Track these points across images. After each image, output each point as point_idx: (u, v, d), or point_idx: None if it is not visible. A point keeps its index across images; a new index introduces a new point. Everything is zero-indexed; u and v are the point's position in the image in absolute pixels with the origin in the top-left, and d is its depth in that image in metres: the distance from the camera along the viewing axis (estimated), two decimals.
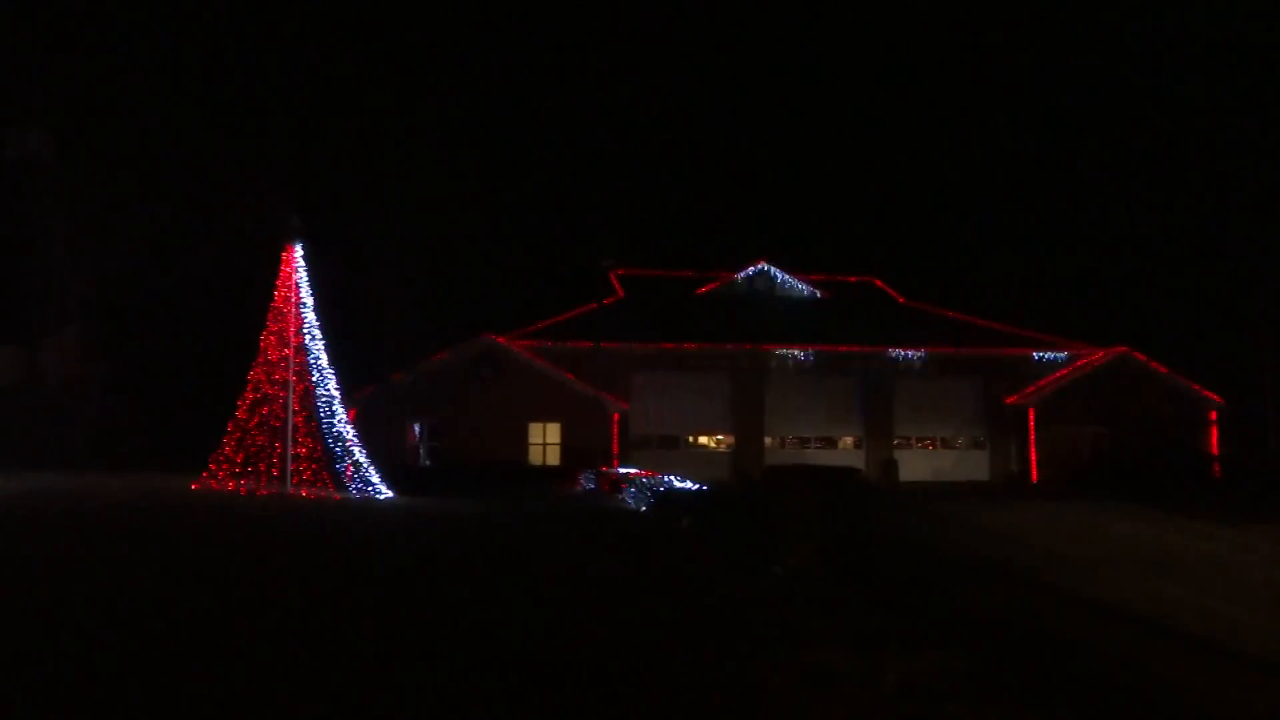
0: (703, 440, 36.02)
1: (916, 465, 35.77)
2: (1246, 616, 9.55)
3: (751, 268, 40.72)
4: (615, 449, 33.21)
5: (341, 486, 22.48)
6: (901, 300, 42.89)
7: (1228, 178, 52.22)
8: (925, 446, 36.97)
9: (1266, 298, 35.39)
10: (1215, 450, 35.90)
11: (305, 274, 23.30)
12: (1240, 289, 40.41)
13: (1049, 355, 37.17)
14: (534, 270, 52.97)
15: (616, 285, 40.46)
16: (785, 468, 14.24)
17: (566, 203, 74.55)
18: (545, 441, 33.06)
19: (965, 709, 5.72)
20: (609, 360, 34.07)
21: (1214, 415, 36.46)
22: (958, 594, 10.35)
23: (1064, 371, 36.51)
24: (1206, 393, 36.27)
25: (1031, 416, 35.73)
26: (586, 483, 28.21)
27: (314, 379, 22.87)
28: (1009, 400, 36.27)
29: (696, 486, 19.29)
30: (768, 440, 35.45)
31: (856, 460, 34.25)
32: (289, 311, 22.97)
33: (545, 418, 33.01)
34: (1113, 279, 58.35)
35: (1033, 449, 35.66)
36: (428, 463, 32.19)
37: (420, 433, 32.57)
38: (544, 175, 74.91)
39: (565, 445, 32.84)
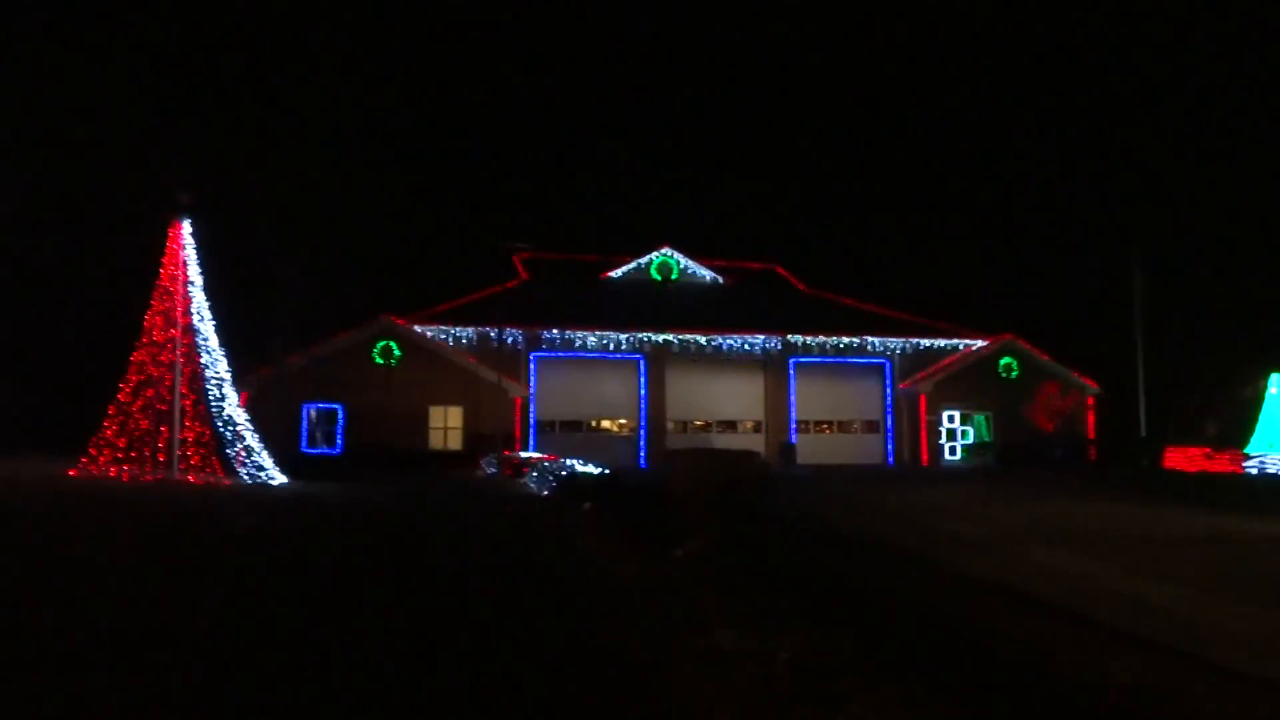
0: (605, 424, 36.16)
1: (815, 449, 36.66)
2: (1129, 588, 10.08)
3: (655, 253, 40.94)
4: (518, 433, 33.05)
5: (232, 472, 21.76)
6: (802, 287, 43.77)
7: (1108, 177, 54.68)
8: (823, 430, 37.91)
9: (1139, 292, 37.29)
10: (1092, 434, 37.80)
11: (193, 251, 22.40)
12: (1118, 284, 42.44)
13: (939, 342, 38.49)
14: (437, 252, 52.19)
15: (520, 268, 40.18)
16: (686, 451, 14.39)
17: (470, 185, 73.54)
18: (446, 426, 32.66)
19: (855, 684, 5.88)
20: (512, 344, 33.83)
21: (1091, 401, 38.38)
22: (854, 574, 10.64)
23: (953, 358, 37.87)
24: (1085, 379, 38.14)
25: (923, 401, 36.96)
26: (488, 467, 27.99)
27: (203, 361, 22.04)
28: (903, 385, 37.44)
29: (599, 470, 19.33)
30: (669, 424, 35.81)
31: (757, 444, 34.88)
32: (176, 290, 22.07)
33: (447, 401, 32.61)
34: (1003, 271, 60.65)
35: (924, 433, 36.93)
36: (324, 448, 31.44)
37: (317, 417, 31.77)
38: (447, 156, 73.68)
39: (467, 430, 32.53)
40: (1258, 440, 37.16)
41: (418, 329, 32.87)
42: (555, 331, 34.81)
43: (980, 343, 38.33)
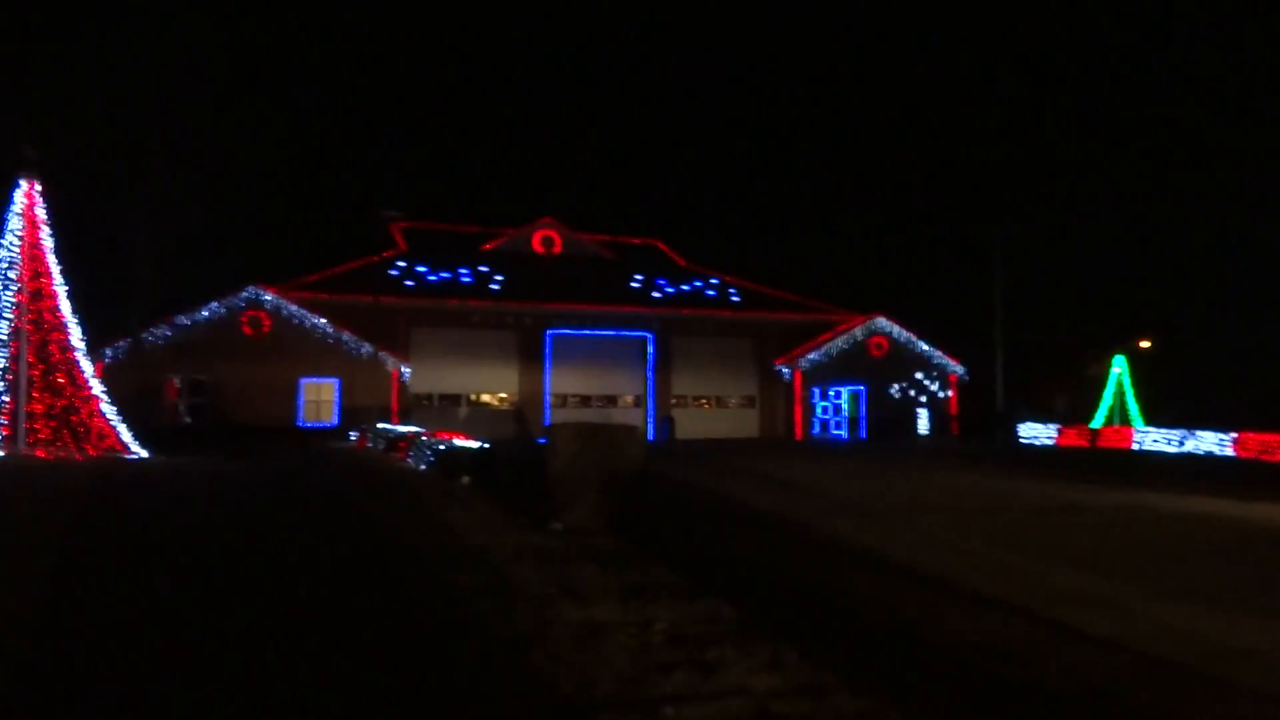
0: (485, 398, 35.80)
1: (694, 423, 37.24)
2: (987, 555, 10.65)
3: (538, 226, 40.60)
4: (395, 407, 32.39)
5: (85, 446, 20.59)
6: (683, 263, 44.21)
7: (974, 165, 57.05)
8: (702, 405, 38.52)
9: (998, 271, 39.18)
10: (954, 410, 39.64)
11: (44, 212, 20.98)
12: (981, 269, 44.48)
13: (813, 319, 39.58)
14: (311, 221, 50.39)
15: (399, 238, 39.23)
16: (566, 425, 14.38)
17: (347, 151, 71.18)
18: (320, 399, 31.75)
19: (729, 651, 6.04)
20: (389, 315, 33.08)
21: (954, 378, 40.21)
22: (732, 545, 10.90)
23: (827, 335, 39.01)
24: (949, 357, 39.91)
25: (798, 377, 37.98)
26: (363, 442, 27.35)
27: (53, 328, 20.72)
28: (778, 361, 38.36)
29: (478, 445, 19.14)
30: (550, 399, 35.73)
31: (637, 418, 35.20)
32: (24, 253, 20.64)
33: (320, 374, 31.67)
34: (874, 252, 62.70)
35: (798, 408, 37.99)
36: (189, 421, 30.10)
37: (180, 389, 30.35)
38: (323, 120, 71.05)
39: (342, 403, 31.68)
40: (1100, 415, 39.74)
41: (289, 299, 31.72)
42: (434, 303, 34.15)
43: (852, 321, 39.58)
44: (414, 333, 33.91)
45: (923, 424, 38.99)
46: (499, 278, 36.78)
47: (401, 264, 36.68)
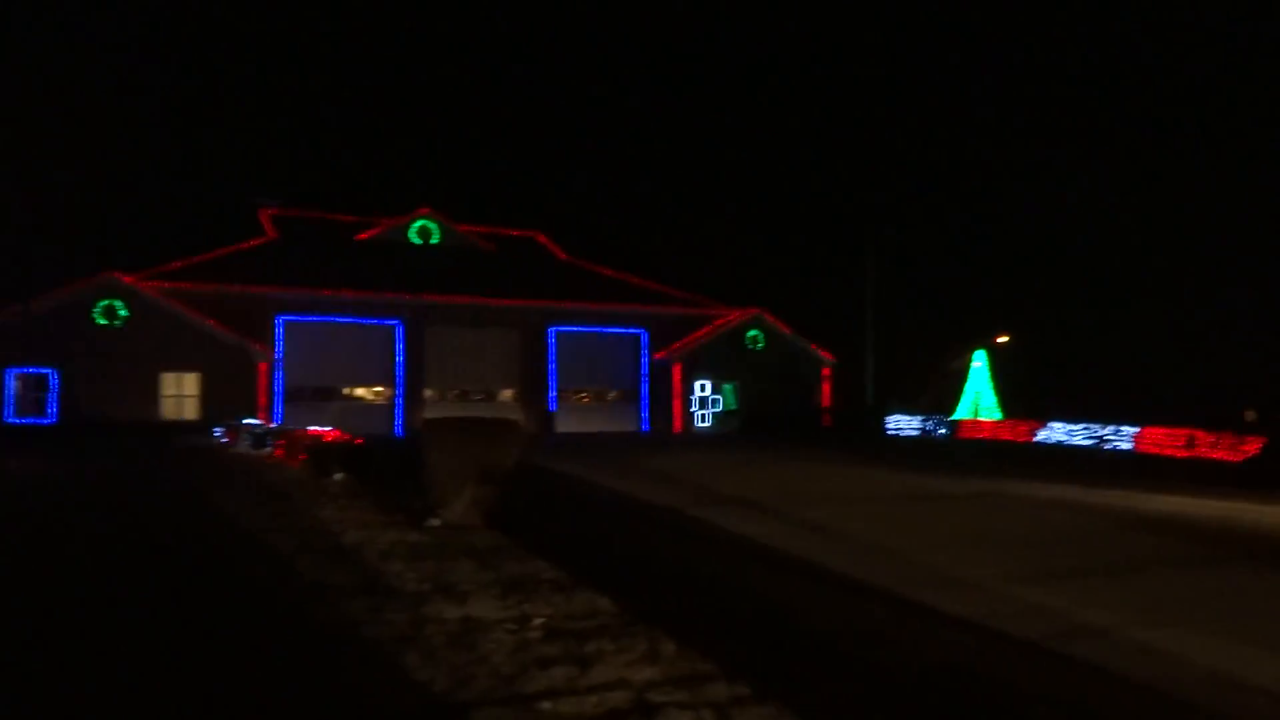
0: (360, 392, 34.85)
1: (574, 417, 37.21)
2: (863, 537, 11.01)
3: (416, 215, 39.77)
4: (262, 401, 31.21)
5: None
6: (563, 256, 44.08)
7: (848, 163, 58.74)
8: (582, 399, 38.51)
9: (870, 270, 40.58)
10: (827, 403, 40.84)
11: None
12: (852, 263, 45.93)
13: (693, 313, 40.10)
14: (173, 206, 47.93)
15: (268, 226, 37.78)
16: (444, 420, 14.15)
17: (213, 134, 68.06)
18: (181, 393, 30.30)
19: (607, 644, 6.08)
20: (257, 305, 31.83)
21: (827, 372, 41.43)
22: (611, 538, 10.93)
23: (706, 329, 39.58)
24: (822, 352, 41.08)
25: (677, 371, 38.42)
26: (228, 438, 26.23)
27: None
28: (658, 355, 38.70)
29: (352, 440, 18.63)
30: (428, 392, 35.09)
31: (516, 412, 34.92)
32: None
33: (181, 367, 30.22)
34: (751, 247, 63.95)
35: (677, 401, 38.42)
36: (34, 417, 28.25)
37: (24, 383, 28.46)
38: (187, 100, 67.68)
39: (205, 397, 30.32)
40: (963, 407, 41.67)
41: (148, 287, 30.11)
42: (305, 293, 33.01)
43: (730, 315, 40.28)
44: (284, 324, 32.70)
45: (798, 417, 40.03)
46: (375, 267, 35.84)
47: (270, 252, 35.33)
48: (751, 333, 40.00)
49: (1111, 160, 68.69)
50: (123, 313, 29.39)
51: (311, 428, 23.05)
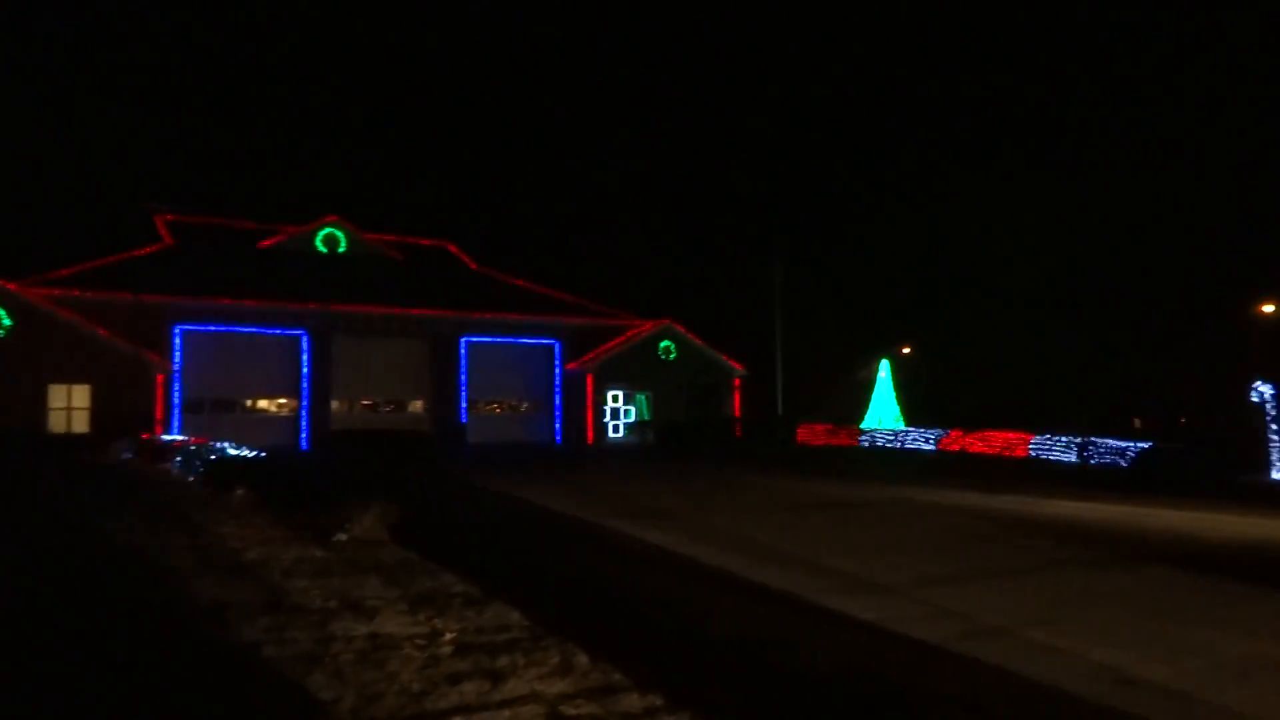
0: (263, 404, 33.83)
1: (486, 428, 36.80)
2: (767, 546, 11.14)
3: (322, 223, 38.88)
4: (159, 414, 30.03)
5: None
6: (474, 266, 43.66)
7: (756, 174, 59.69)
8: (494, 410, 38.14)
9: (779, 282, 41.28)
10: (738, 413, 41.33)
11: None
12: (762, 277, 46.66)
13: (606, 324, 40.15)
14: (62, 210, 45.85)
15: (165, 232, 36.45)
16: (352, 432, 13.88)
17: (105, 138, 65.40)
18: (71, 406, 28.94)
19: (519, 658, 6.01)
20: (153, 315, 30.64)
21: (738, 382, 41.93)
22: (522, 550, 10.83)
23: (619, 340, 39.66)
24: (732, 362, 41.57)
25: (590, 381, 38.38)
26: (122, 452, 25.13)
27: None
28: (570, 366, 38.61)
29: (254, 453, 18.06)
30: (335, 404, 34.28)
31: (427, 423, 34.39)
32: None
33: (71, 379, 28.88)
34: (663, 258, 64.40)
35: (590, 412, 38.37)
36: None
37: None
38: (78, 102, 64.90)
39: (97, 410, 29.02)
40: (869, 417, 42.68)
41: (34, 295, 28.69)
42: (205, 302, 31.91)
43: (642, 326, 40.44)
44: (181, 334, 31.54)
45: (708, 426, 40.38)
46: (279, 276, 34.87)
47: (167, 259, 34.07)
48: (663, 343, 40.24)
49: (1017, 176, 71.48)
50: (6, 321, 27.95)
51: (211, 441, 22.28)
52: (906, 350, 47.66)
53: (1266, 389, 24.51)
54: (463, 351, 36.71)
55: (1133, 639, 7.14)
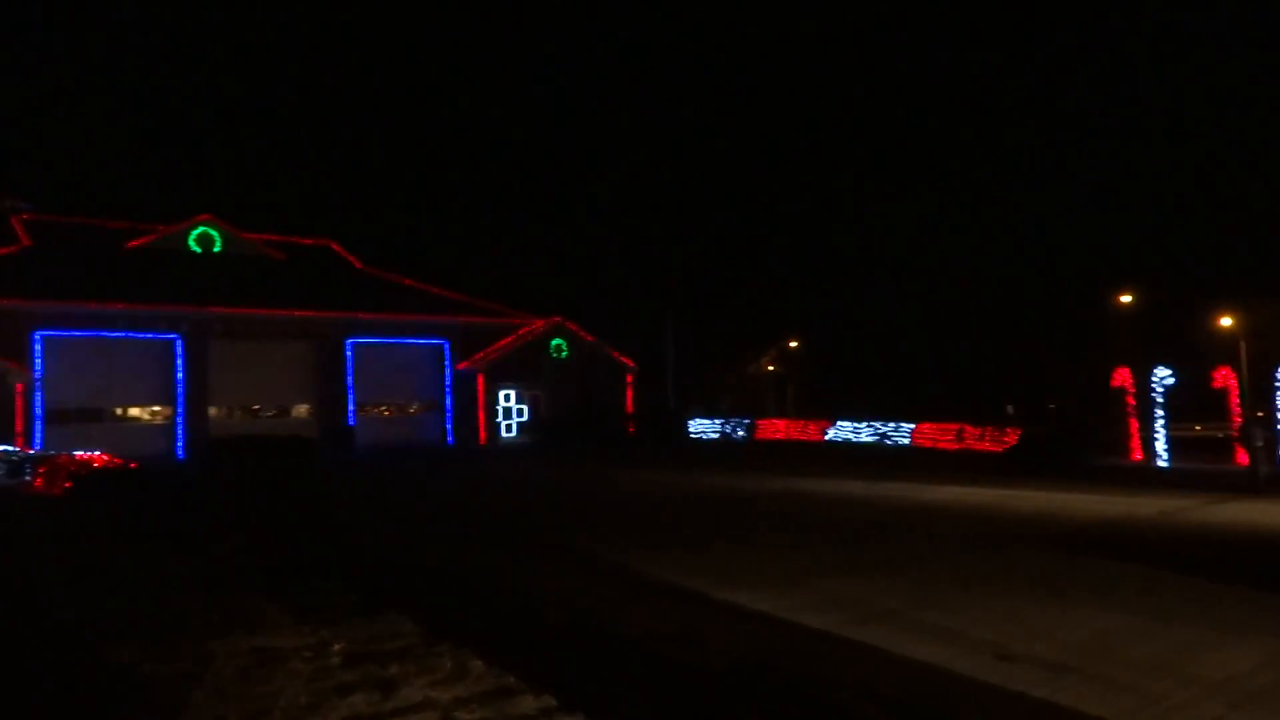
0: (134, 412, 32.21)
1: (374, 431, 35.91)
2: (662, 541, 11.20)
3: (195, 222, 37.25)
4: (19, 425, 28.26)
5: None
6: (359, 265, 42.59)
7: (649, 173, 60.03)
8: (383, 413, 37.28)
9: (671, 280, 41.65)
10: (630, 409, 41.50)
11: None
12: (653, 274, 47.00)
13: (497, 323, 39.72)
14: None
15: (22, 232, 34.33)
16: (232, 439, 13.31)
17: None
18: None
19: (411, 666, 5.89)
20: (10, 320, 28.80)
21: (629, 378, 42.10)
22: (413, 555, 10.60)
23: (510, 339, 39.28)
24: (624, 359, 41.70)
25: (481, 381, 37.92)
26: None
27: None
28: (461, 366, 38.06)
29: (125, 464, 17.19)
30: (213, 410, 32.87)
31: (312, 429, 33.37)
32: None
33: None
34: (553, 256, 64.16)
35: (481, 412, 37.91)
36: None
37: None
38: None
39: None
40: (762, 411, 43.42)
41: None
42: (68, 306, 30.14)
43: (534, 324, 40.16)
44: (42, 340, 29.73)
45: (603, 423, 40.42)
46: (150, 278, 33.23)
47: (25, 261, 32.07)
48: (555, 341, 40.07)
49: (903, 175, 73.84)
50: None
51: (78, 452, 21.08)
52: (794, 344, 48.75)
53: (1127, 374, 26.01)
54: (349, 353, 35.72)
55: (1011, 616, 7.46)
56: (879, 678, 5.86)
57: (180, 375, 32.13)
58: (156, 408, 32.26)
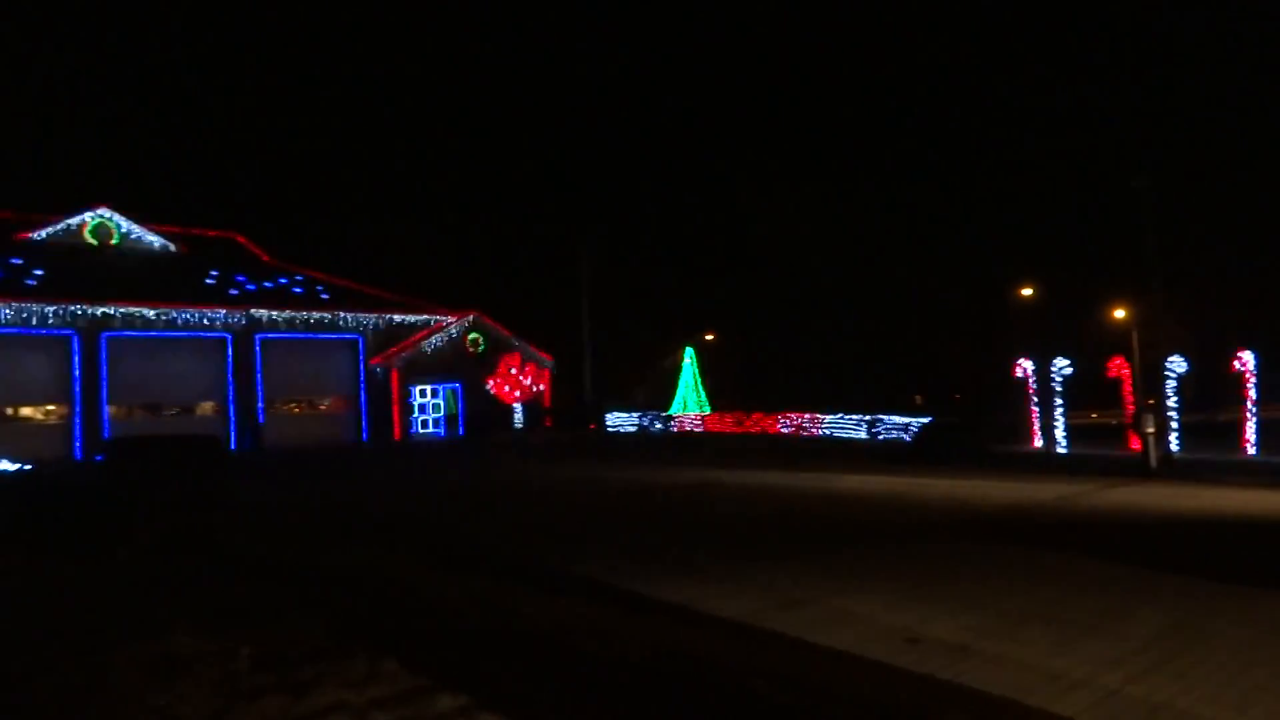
0: (26, 412, 30.77)
1: (285, 428, 35.04)
2: (574, 535, 11.19)
3: (91, 213, 35.73)
4: None
5: None
6: (267, 259, 41.46)
7: (563, 172, 59.74)
8: (295, 410, 36.38)
9: (585, 273, 41.56)
10: (548, 403, 41.37)
11: None
12: (568, 264, 46.86)
13: (411, 318, 39.13)
14: None
15: None
16: (134, 439, 12.84)
17: None
18: None
19: (324, 668, 5.77)
20: None
21: (547, 373, 41.95)
22: (320, 555, 10.37)
23: (424, 333, 38.76)
24: (541, 353, 41.53)
25: (395, 376, 37.32)
26: None
27: None
28: (374, 361, 37.39)
29: (17, 466, 16.42)
30: (112, 409, 31.62)
31: (219, 426, 32.40)
32: None
33: None
34: (469, 251, 63.42)
35: (395, 407, 37.32)
36: None
37: None
38: None
39: None
40: (677, 403, 43.78)
41: None
42: None
43: (449, 319, 39.67)
44: None
45: (519, 417, 40.21)
46: (37, 272, 31.75)
47: None
48: (472, 336, 39.67)
49: (817, 172, 74.98)
50: None
51: None
52: (710, 337, 49.18)
53: (1028, 365, 26.98)
54: (257, 349, 34.74)
55: (918, 599, 7.67)
56: (791, 664, 5.96)
57: (76, 373, 30.83)
58: (51, 407, 30.89)
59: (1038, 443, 26.40)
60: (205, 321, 33.53)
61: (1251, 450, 22.72)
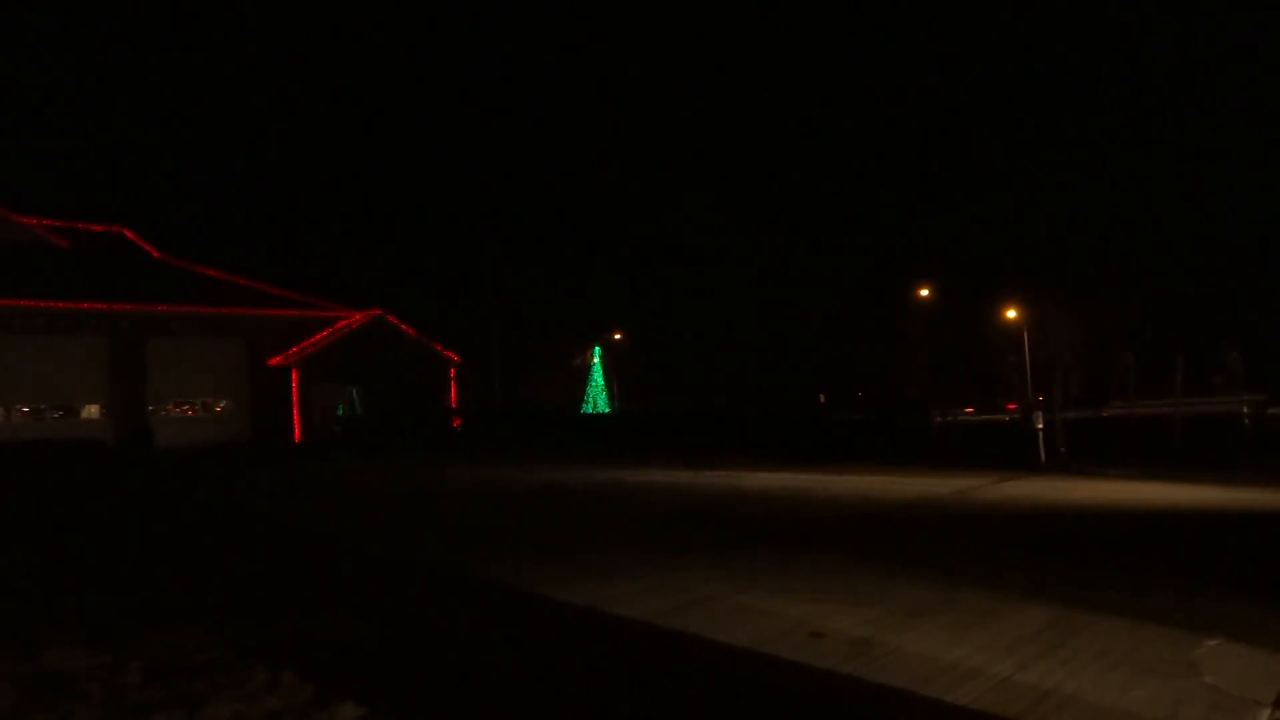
0: None
1: (177, 431, 33.70)
2: (486, 535, 11.06)
3: None
4: None
5: None
6: (156, 255, 39.85)
7: (469, 165, 59.04)
8: (185, 411, 35.04)
9: (495, 271, 41.24)
10: (455, 403, 40.86)
11: None
12: (474, 262, 46.31)
13: (311, 316, 38.12)
14: None
15: None
16: (11, 444, 12.17)
17: None
18: None
19: (220, 680, 5.58)
20: None
21: (454, 372, 41.44)
22: (214, 562, 10.01)
23: (325, 333, 37.80)
24: (448, 352, 40.99)
25: (295, 377, 36.30)
26: None
27: None
28: (272, 361, 36.30)
29: None
30: None
31: (105, 430, 31.00)
32: None
33: None
34: (373, 247, 62.17)
35: (295, 409, 36.30)
36: None
37: None
38: None
39: None
40: (587, 402, 43.78)
41: None
42: None
43: (352, 317, 38.78)
44: None
45: (426, 419, 39.55)
46: None
47: None
48: (375, 334, 38.88)
49: (720, 176, 75.79)
50: None
51: None
52: (618, 336, 49.31)
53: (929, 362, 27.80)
54: (146, 349, 33.30)
55: (824, 595, 7.82)
56: (695, 662, 6.01)
57: None
58: None
59: (938, 438, 27.30)
60: (89, 319, 31.99)
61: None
